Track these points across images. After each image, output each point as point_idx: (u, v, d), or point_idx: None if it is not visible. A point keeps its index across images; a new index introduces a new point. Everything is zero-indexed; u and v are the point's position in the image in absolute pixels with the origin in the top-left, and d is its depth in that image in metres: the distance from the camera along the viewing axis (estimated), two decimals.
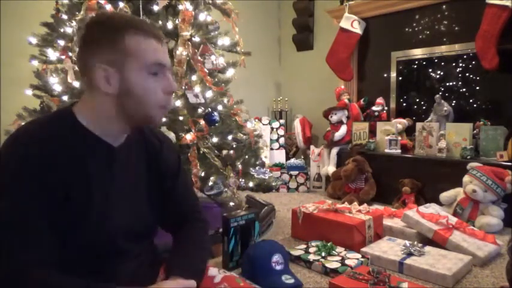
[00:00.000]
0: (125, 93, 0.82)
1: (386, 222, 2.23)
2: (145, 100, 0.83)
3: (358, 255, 1.83)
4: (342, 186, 3.15)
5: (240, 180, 2.21)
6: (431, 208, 2.25)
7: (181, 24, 2.01)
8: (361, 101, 3.64)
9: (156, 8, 2.03)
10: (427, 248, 1.87)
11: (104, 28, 0.83)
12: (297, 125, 4.02)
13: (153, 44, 0.84)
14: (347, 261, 1.76)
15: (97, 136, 0.85)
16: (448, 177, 2.64)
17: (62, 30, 2.06)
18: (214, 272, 0.98)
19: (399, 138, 3.11)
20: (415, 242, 1.91)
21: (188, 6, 2.06)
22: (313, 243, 1.97)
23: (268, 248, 1.62)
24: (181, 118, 2.01)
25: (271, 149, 3.93)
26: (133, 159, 0.93)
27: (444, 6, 3.16)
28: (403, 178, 2.85)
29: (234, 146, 2.23)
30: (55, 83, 2.01)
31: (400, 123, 3.21)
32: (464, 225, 2.07)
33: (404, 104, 3.48)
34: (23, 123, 1.96)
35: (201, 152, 2.04)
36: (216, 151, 2.10)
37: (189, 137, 1.94)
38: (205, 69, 2.12)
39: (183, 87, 2.02)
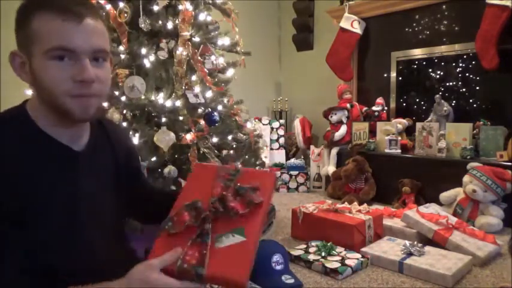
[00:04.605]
0: (37, 83, 0.74)
1: (386, 222, 2.23)
2: (52, 89, 0.73)
3: (358, 255, 1.83)
4: (342, 186, 3.15)
5: None
6: (431, 208, 2.25)
7: (181, 24, 2.01)
8: (363, 110, 3.62)
9: (156, 8, 2.02)
10: (427, 248, 1.87)
11: (19, 9, 0.76)
12: (297, 125, 4.02)
13: (59, 24, 0.72)
14: (347, 261, 1.76)
15: (50, 137, 0.77)
16: (448, 177, 2.64)
17: None
18: None
19: (399, 138, 3.11)
20: (415, 242, 1.90)
21: (188, 6, 2.06)
22: (313, 243, 1.97)
23: (268, 248, 1.62)
24: (181, 118, 2.01)
25: (271, 149, 3.92)
26: (100, 158, 0.88)
27: (444, 6, 3.15)
28: (403, 178, 2.85)
29: (234, 146, 2.23)
30: None
31: (400, 123, 3.21)
32: (464, 225, 2.07)
33: (404, 104, 3.48)
34: None
35: (201, 152, 2.04)
36: (216, 151, 2.10)
37: (189, 137, 1.94)
38: (205, 69, 2.12)
39: (183, 87, 2.02)
